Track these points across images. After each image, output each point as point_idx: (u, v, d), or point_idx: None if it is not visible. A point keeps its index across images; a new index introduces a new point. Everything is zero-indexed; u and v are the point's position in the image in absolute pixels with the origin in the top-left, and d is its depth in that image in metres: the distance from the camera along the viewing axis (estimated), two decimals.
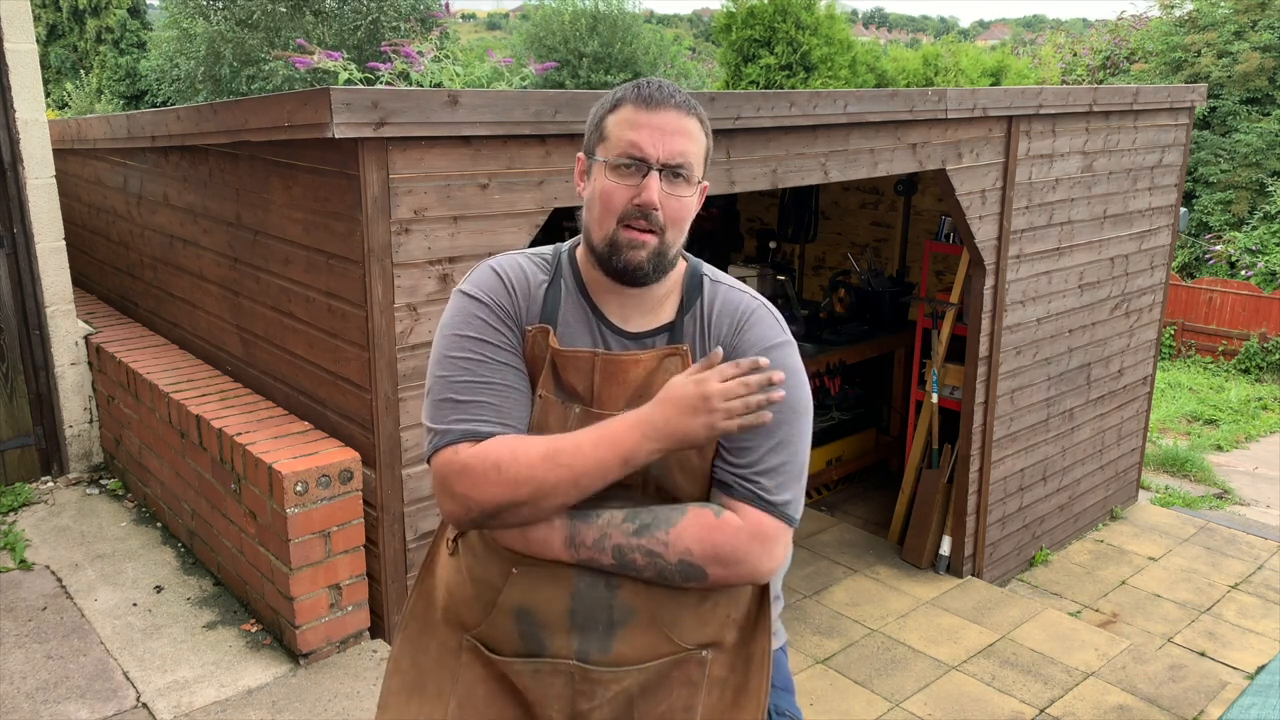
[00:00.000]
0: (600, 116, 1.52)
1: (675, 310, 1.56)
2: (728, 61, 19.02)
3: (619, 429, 1.42)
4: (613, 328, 1.54)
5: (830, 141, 4.23)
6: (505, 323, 1.50)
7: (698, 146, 1.49)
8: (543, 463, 1.40)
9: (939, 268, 6.66)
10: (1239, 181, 18.11)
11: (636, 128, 1.46)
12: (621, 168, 1.46)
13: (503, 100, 3.06)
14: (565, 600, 1.47)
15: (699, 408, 1.40)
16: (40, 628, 3.21)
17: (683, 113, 1.47)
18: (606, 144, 1.49)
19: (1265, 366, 14.73)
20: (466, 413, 1.46)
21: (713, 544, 1.43)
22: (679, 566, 1.44)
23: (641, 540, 1.43)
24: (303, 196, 3.21)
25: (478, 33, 63.99)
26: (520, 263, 1.57)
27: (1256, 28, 18.84)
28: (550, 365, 1.50)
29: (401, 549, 3.22)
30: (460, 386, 1.47)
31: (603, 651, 1.48)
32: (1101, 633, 5.29)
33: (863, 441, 6.82)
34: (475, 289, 1.52)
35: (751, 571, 1.47)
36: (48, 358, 4.26)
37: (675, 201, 1.47)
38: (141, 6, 23.73)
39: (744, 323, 1.54)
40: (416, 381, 3.13)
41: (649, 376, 1.49)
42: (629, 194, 1.46)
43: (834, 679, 4.69)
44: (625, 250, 1.46)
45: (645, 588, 1.46)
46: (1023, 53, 25.38)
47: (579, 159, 1.57)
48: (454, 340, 1.50)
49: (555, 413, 1.49)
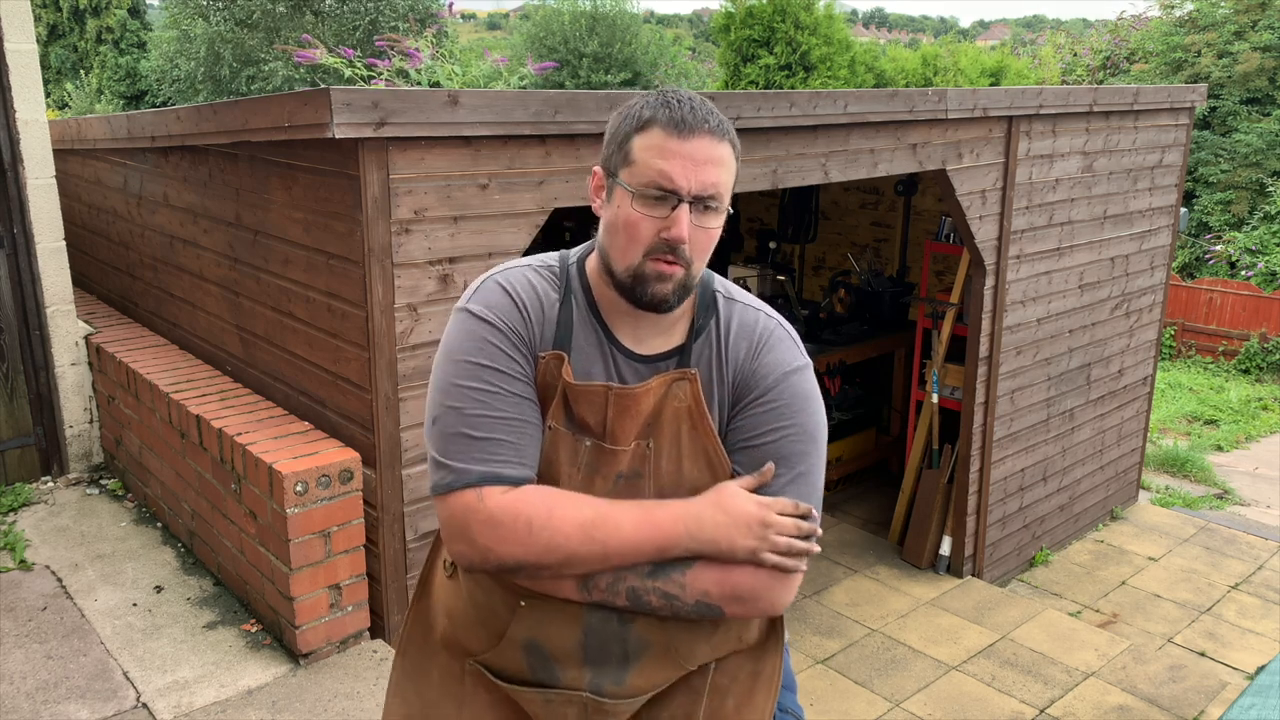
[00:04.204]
0: (625, 135, 1.40)
1: (687, 331, 1.49)
2: (727, 62, 19.02)
3: (663, 518, 1.37)
4: (624, 350, 1.47)
5: (830, 142, 4.23)
6: (519, 349, 1.42)
7: (729, 175, 1.40)
8: (578, 533, 1.35)
9: (939, 268, 6.66)
10: (1239, 182, 18.11)
11: (667, 156, 1.35)
12: (649, 198, 1.36)
13: (503, 100, 3.06)
14: (577, 635, 1.43)
15: (754, 532, 1.37)
16: (40, 628, 3.21)
17: (716, 139, 1.37)
18: (633, 169, 1.38)
19: (1265, 367, 14.73)
20: (484, 451, 1.38)
21: (732, 585, 1.39)
22: (696, 607, 1.40)
23: (657, 583, 1.39)
24: (303, 197, 3.21)
25: (477, 33, 64.02)
26: (530, 279, 1.46)
27: (1256, 28, 18.84)
28: (561, 396, 1.43)
29: (401, 549, 3.22)
30: (475, 421, 1.38)
31: (617, 684, 1.45)
32: (1101, 633, 5.29)
33: (863, 441, 6.82)
34: (486, 310, 1.42)
35: (769, 607, 1.43)
36: (48, 358, 4.26)
37: (703, 233, 1.39)
38: (141, 6, 23.73)
39: (762, 345, 1.48)
40: (417, 382, 3.13)
41: (659, 403, 1.45)
42: (657, 226, 1.37)
43: (834, 679, 4.69)
44: (652, 283, 1.38)
45: (659, 620, 1.43)
46: (1023, 53, 25.36)
47: (595, 173, 1.46)
48: (466, 367, 1.40)
49: (566, 446, 1.44)
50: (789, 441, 1.44)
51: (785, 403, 1.45)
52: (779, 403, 1.45)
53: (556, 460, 1.43)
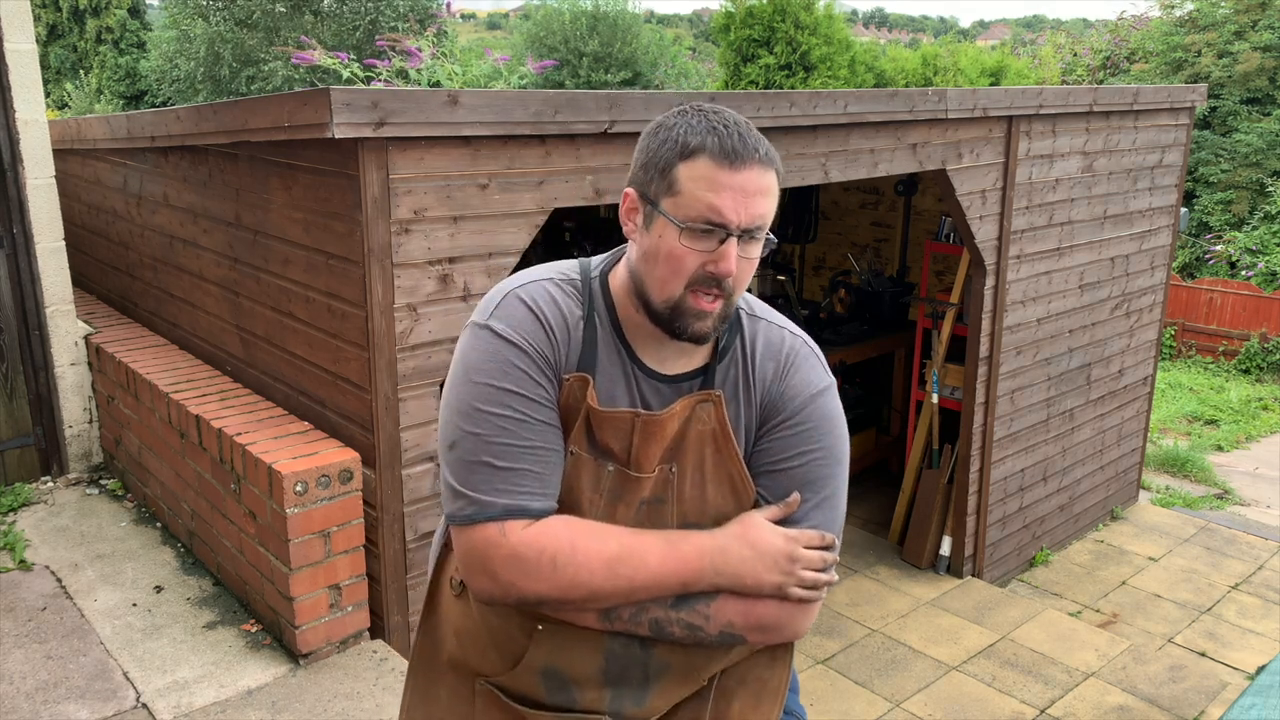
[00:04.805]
0: (669, 161, 1.32)
1: (711, 350, 1.44)
2: (727, 61, 19.03)
3: (688, 552, 1.35)
4: (647, 370, 1.42)
5: (830, 141, 4.23)
6: (545, 373, 1.35)
7: (775, 202, 1.34)
8: (603, 569, 1.32)
9: (939, 268, 6.66)
10: (1239, 181, 18.11)
11: (718, 190, 1.28)
12: (697, 232, 1.30)
13: (503, 100, 3.06)
14: (598, 661, 1.40)
15: (780, 567, 1.36)
16: (40, 628, 3.21)
17: (766, 168, 1.31)
18: (679, 200, 1.30)
19: (1266, 367, 14.73)
20: (508, 482, 1.33)
21: (757, 616, 1.38)
22: (720, 637, 1.38)
23: (681, 614, 1.37)
24: (303, 197, 3.21)
25: (477, 32, 64.01)
26: (553, 295, 1.39)
27: (1256, 28, 18.84)
28: (584, 421, 1.38)
29: (401, 549, 3.22)
30: (500, 450, 1.32)
31: (638, 705, 1.43)
32: (1102, 633, 5.29)
33: (863, 442, 6.82)
34: (510, 330, 1.35)
35: (792, 634, 1.43)
36: (47, 358, 4.26)
37: (747, 263, 1.34)
38: (141, 7, 23.73)
39: (789, 366, 1.44)
40: (416, 382, 3.13)
41: (683, 426, 1.41)
42: (702, 259, 1.31)
43: (834, 679, 4.69)
44: (691, 320, 1.33)
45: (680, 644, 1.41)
46: (1023, 53, 25.37)
47: (628, 195, 1.38)
48: (490, 392, 1.33)
49: (588, 471, 1.39)
50: (816, 465, 1.42)
51: (814, 425, 1.42)
52: (807, 425, 1.42)
53: (578, 486, 1.39)
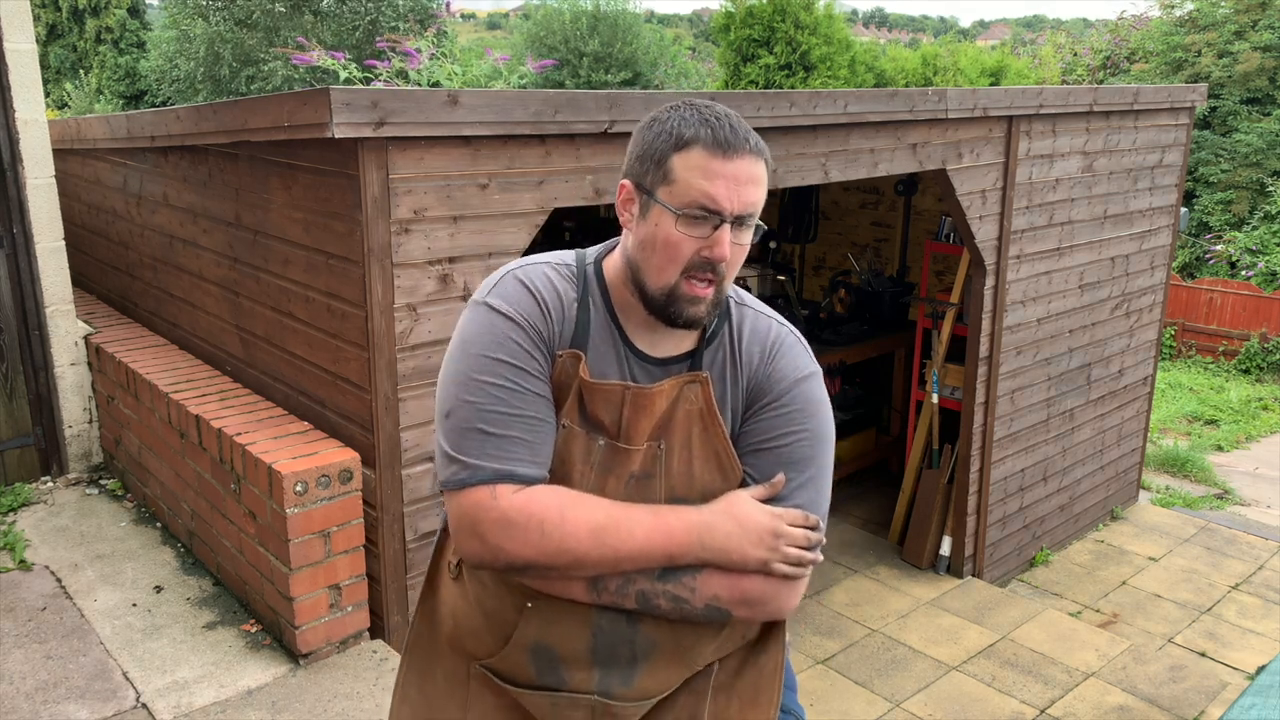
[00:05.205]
0: (664, 152, 1.39)
1: (700, 335, 1.50)
2: (727, 61, 19.03)
3: (675, 526, 1.38)
4: (638, 353, 1.47)
5: (830, 141, 4.23)
6: (539, 346, 1.41)
7: (764, 191, 1.42)
8: (589, 537, 1.35)
9: (939, 268, 6.66)
10: (1239, 181, 18.11)
11: (712, 178, 1.36)
12: (692, 219, 1.37)
13: (502, 100, 3.06)
14: (586, 638, 1.43)
15: (766, 542, 1.39)
16: (40, 628, 3.21)
17: (756, 158, 1.39)
18: (673, 189, 1.37)
19: (1266, 367, 14.73)
20: (500, 448, 1.37)
21: (741, 590, 1.41)
22: (705, 611, 1.41)
23: (667, 586, 1.40)
24: (302, 196, 3.21)
25: (477, 32, 63.99)
26: (549, 275, 1.46)
27: (1256, 28, 18.84)
28: (577, 394, 1.43)
29: (401, 549, 3.22)
30: (492, 417, 1.37)
31: (625, 685, 1.46)
32: (1102, 633, 5.29)
33: (863, 442, 6.82)
34: (506, 305, 1.41)
35: (777, 611, 1.45)
36: (47, 358, 4.26)
37: (738, 249, 1.41)
38: (141, 6, 23.71)
39: (775, 351, 1.49)
40: (416, 382, 3.12)
41: (672, 405, 1.45)
42: (697, 245, 1.38)
43: (834, 679, 4.69)
44: (686, 306, 1.40)
45: (667, 621, 1.44)
46: (1023, 53, 25.36)
47: (624, 186, 1.44)
48: (485, 362, 1.39)
49: (579, 444, 1.43)
50: (801, 445, 1.46)
51: (798, 408, 1.47)
52: (792, 407, 1.46)
53: (570, 459, 1.43)
